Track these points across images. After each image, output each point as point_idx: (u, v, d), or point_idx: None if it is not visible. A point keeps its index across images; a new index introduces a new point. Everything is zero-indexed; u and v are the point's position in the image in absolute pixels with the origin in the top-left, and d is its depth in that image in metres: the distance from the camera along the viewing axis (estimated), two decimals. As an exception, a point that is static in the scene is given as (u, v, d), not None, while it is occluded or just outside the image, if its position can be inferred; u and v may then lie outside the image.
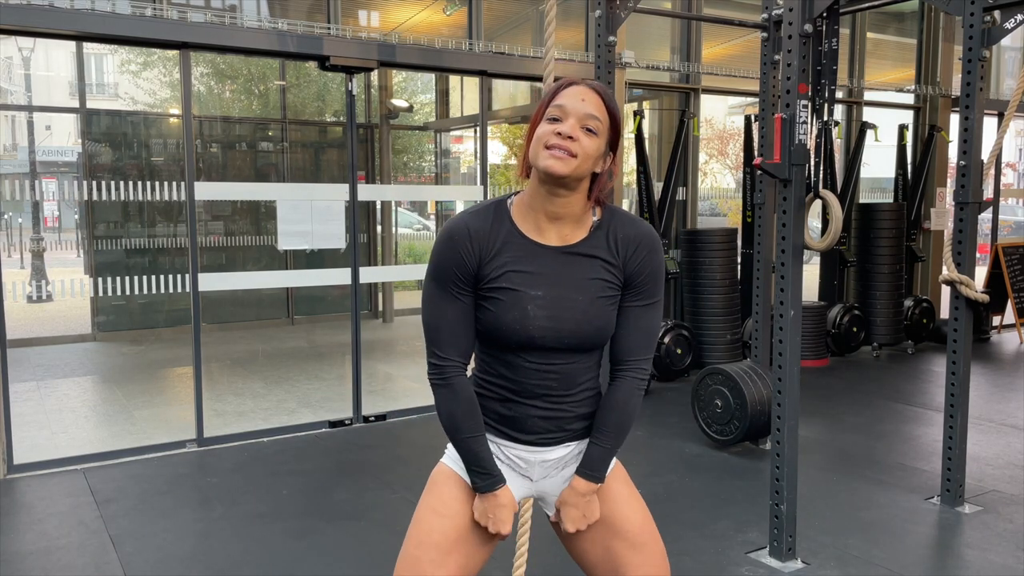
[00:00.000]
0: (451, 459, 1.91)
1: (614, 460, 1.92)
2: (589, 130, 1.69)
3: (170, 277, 5.14)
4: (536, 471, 1.88)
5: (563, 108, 1.69)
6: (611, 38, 4.45)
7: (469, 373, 1.87)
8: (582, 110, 1.68)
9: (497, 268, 1.74)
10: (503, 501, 1.82)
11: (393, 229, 10.46)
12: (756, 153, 6.42)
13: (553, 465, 1.88)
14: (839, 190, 7.62)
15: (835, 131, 5.52)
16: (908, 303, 8.15)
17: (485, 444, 1.82)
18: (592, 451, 1.82)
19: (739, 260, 7.20)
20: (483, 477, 1.81)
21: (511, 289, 1.73)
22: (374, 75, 9.52)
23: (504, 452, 1.87)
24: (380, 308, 10.14)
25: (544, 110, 1.72)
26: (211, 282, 5.29)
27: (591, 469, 1.82)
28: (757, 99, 4.99)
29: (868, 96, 8.84)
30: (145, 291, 5.05)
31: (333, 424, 5.56)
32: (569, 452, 1.88)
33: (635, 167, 6.84)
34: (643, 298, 1.81)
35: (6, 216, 18.91)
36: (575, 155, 1.66)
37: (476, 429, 1.81)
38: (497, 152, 14.61)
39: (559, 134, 1.67)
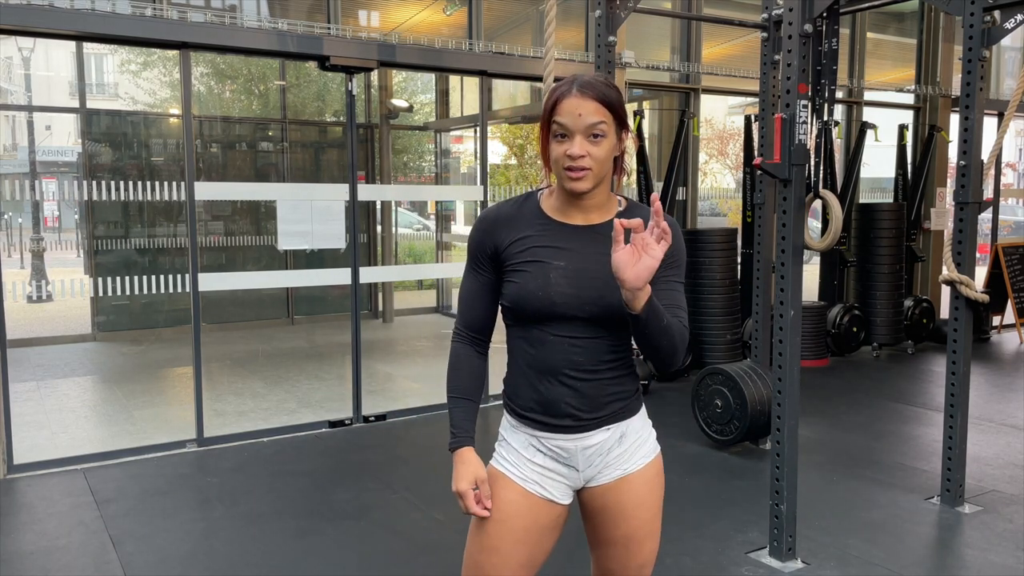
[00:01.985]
0: (498, 459, 1.95)
1: (657, 451, 1.96)
2: (595, 135, 1.76)
3: (170, 277, 5.14)
4: (580, 460, 1.88)
5: (565, 127, 1.76)
6: (611, 38, 4.45)
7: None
8: (583, 124, 1.75)
9: (522, 245, 1.85)
10: (462, 459, 1.88)
11: (393, 229, 10.46)
12: (756, 153, 6.42)
13: (596, 451, 1.88)
14: (839, 190, 7.62)
15: (835, 131, 5.52)
16: (908, 303, 8.15)
17: (464, 407, 1.91)
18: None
19: (739, 260, 7.20)
20: (451, 435, 1.91)
21: (535, 261, 1.83)
22: (374, 75, 9.53)
23: (545, 444, 1.89)
24: (380, 308, 10.14)
25: (549, 122, 1.79)
26: (211, 282, 5.29)
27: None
28: (757, 99, 4.99)
29: (868, 96, 8.84)
30: (145, 291, 5.05)
31: (333, 424, 5.56)
32: (610, 436, 1.88)
33: (635, 167, 6.85)
34: (677, 276, 1.89)
35: (6, 216, 18.92)
36: (589, 168, 1.76)
37: (458, 391, 1.92)
38: (497, 152, 14.62)
39: (571, 156, 1.75)
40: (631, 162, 6.92)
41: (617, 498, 1.90)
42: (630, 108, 6.74)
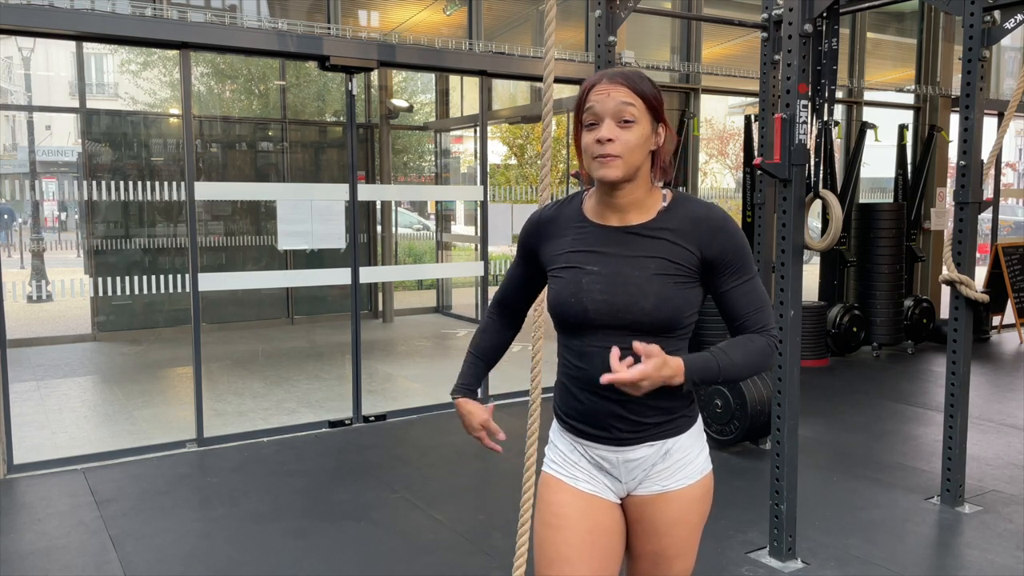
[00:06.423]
0: (548, 463, 1.93)
1: (705, 472, 1.87)
2: (626, 121, 1.70)
3: (170, 277, 5.14)
4: (622, 472, 1.85)
5: (594, 112, 1.72)
6: (611, 38, 4.45)
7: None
8: (611, 106, 1.70)
9: (559, 249, 1.85)
10: (465, 409, 2.01)
11: (393, 229, 10.47)
12: (756, 153, 6.42)
13: (638, 465, 1.83)
14: (839, 190, 7.62)
15: (835, 131, 5.52)
16: (908, 303, 8.15)
17: (473, 363, 2.07)
18: (702, 353, 1.72)
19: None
20: (456, 383, 2.06)
21: (570, 266, 1.82)
22: (374, 75, 9.52)
23: (589, 452, 1.87)
24: (380, 308, 10.14)
25: (580, 116, 1.76)
26: (211, 282, 5.29)
27: (688, 361, 1.66)
28: (757, 99, 4.99)
29: (868, 96, 8.84)
30: (145, 291, 5.05)
31: (333, 424, 5.56)
32: (654, 452, 1.82)
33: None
34: (739, 276, 1.77)
35: (5, 216, 18.91)
36: (619, 155, 1.70)
37: (473, 348, 2.08)
38: (497, 152, 14.63)
39: (599, 140, 1.71)
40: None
41: (653, 513, 1.85)
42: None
